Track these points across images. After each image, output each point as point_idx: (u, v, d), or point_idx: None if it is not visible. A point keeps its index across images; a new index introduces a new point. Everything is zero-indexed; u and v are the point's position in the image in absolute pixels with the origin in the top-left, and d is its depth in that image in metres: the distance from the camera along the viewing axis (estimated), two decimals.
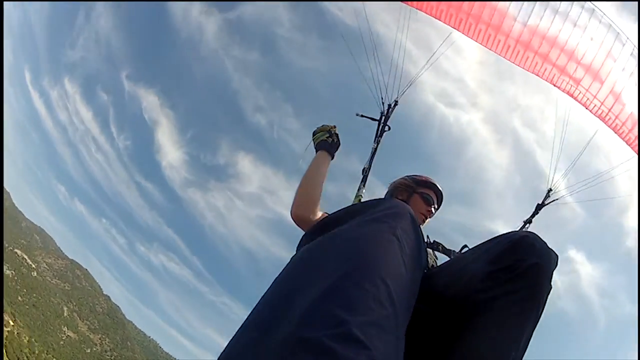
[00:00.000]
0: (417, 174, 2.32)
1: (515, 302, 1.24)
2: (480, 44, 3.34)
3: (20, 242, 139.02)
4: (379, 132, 2.69)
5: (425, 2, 3.29)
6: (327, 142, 2.07)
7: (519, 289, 1.24)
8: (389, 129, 2.72)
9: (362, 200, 2.37)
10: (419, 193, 2.21)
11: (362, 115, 2.68)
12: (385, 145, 2.59)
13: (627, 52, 3.02)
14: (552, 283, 1.26)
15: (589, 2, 2.96)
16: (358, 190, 2.44)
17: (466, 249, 2.04)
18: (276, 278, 1.13)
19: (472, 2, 3.18)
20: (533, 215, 3.01)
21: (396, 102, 2.83)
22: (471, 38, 3.34)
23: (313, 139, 2.13)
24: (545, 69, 3.20)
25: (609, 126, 3.15)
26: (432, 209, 2.20)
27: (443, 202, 2.29)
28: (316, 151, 2.07)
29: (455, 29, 3.34)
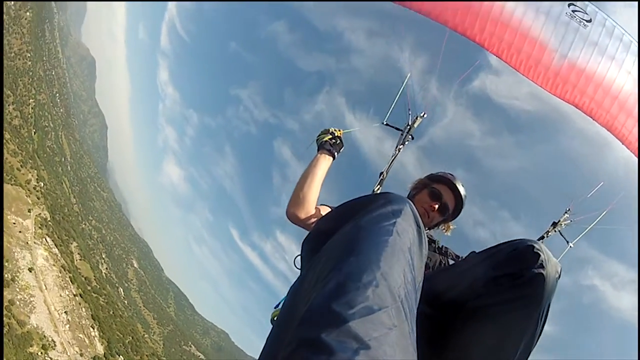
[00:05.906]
0: (440, 171, 2.22)
1: (516, 309, 1.26)
2: (523, 74, 3.57)
3: None
4: (402, 140, 2.69)
5: (469, 30, 3.45)
6: (328, 143, 2.08)
7: (521, 297, 1.25)
8: (412, 138, 2.72)
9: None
10: (429, 188, 2.14)
11: (387, 124, 2.73)
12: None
13: None
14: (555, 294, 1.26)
15: (627, 35, 3.01)
16: (373, 191, 2.45)
17: (473, 254, 1.99)
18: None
19: (513, 34, 3.36)
20: (548, 232, 2.94)
21: (423, 115, 2.78)
22: (515, 68, 3.59)
23: (316, 141, 2.13)
24: (584, 103, 3.35)
25: None
26: (436, 205, 2.09)
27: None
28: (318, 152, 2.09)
29: (499, 57, 3.60)
